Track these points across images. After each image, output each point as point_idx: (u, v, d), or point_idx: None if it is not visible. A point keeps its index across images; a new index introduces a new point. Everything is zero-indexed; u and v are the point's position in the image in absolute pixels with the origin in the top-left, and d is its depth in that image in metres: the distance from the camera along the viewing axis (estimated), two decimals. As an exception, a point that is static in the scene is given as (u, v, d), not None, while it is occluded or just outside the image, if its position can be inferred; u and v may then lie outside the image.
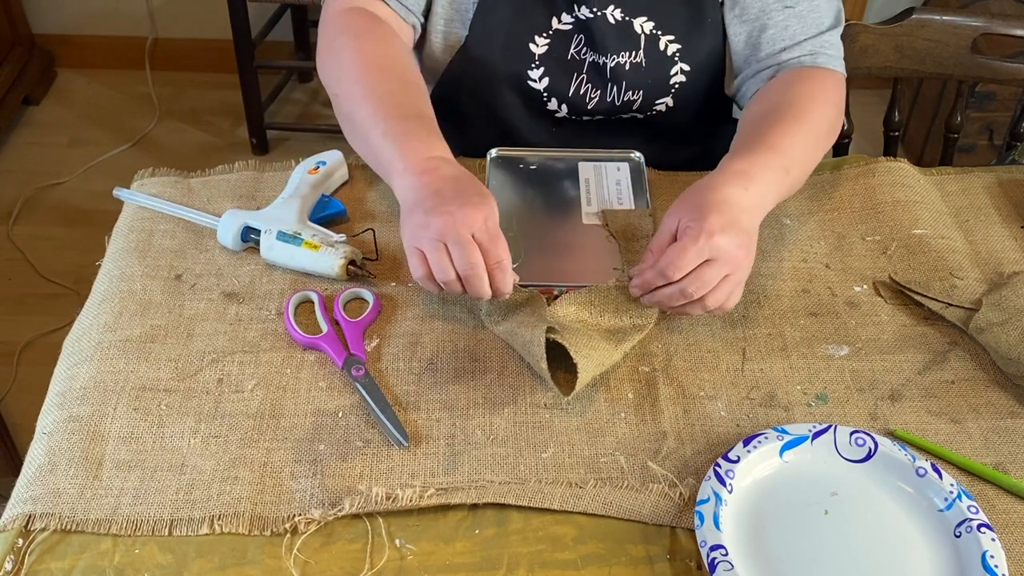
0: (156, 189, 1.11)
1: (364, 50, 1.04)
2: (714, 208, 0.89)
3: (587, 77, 1.16)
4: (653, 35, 1.14)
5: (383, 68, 1.04)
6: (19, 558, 0.78)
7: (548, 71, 1.15)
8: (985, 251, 1.07)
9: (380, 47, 1.06)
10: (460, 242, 0.87)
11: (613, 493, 0.82)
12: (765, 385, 0.92)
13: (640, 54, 1.14)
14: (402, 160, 0.94)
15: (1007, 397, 0.92)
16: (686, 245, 0.88)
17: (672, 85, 1.17)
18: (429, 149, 0.95)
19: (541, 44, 1.14)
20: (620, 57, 1.14)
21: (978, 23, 1.36)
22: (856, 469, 0.84)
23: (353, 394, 0.90)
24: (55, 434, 0.86)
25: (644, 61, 1.14)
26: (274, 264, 1.02)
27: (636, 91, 1.17)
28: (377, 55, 1.05)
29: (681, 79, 1.16)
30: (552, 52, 1.14)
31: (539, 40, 1.14)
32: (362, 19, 1.08)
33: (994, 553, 0.76)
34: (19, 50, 2.80)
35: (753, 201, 0.93)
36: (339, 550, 0.79)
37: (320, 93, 2.95)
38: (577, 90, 1.17)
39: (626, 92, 1.17)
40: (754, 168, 0.95)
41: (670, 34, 1.14)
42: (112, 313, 0.97)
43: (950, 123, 1.48)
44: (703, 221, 0.88)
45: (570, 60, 1.15)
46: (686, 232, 0.89)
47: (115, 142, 2.73)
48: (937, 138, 2.44)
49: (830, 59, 1.12)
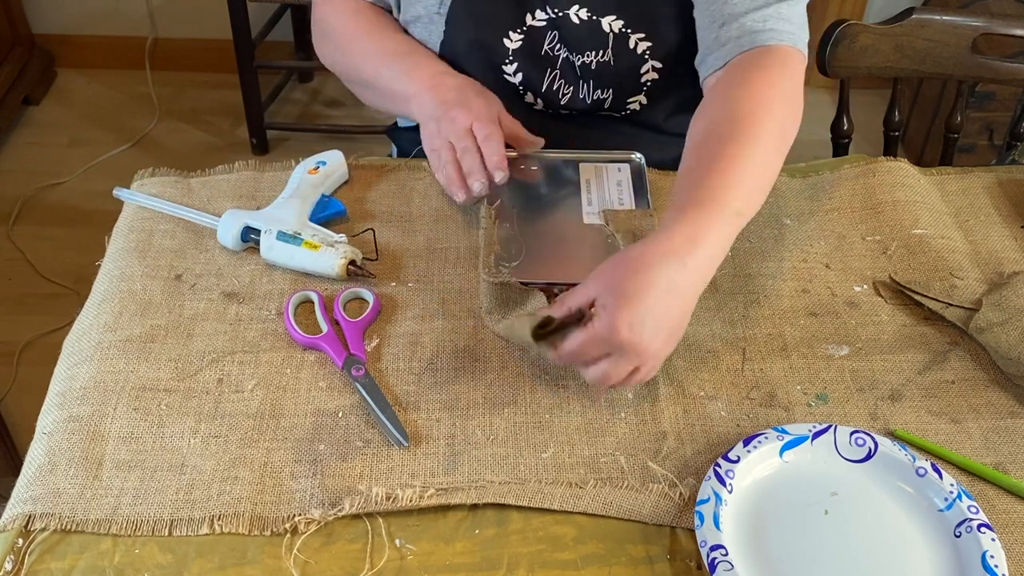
0: (156, 189, 1.11)
1: (353, 20, 1.19)
2: (632, 297, 0.80)
3: (560, 72, 1.16)
4: (622, 33, 1.12)
5: (372, 29, 1.17)
6: (19, 558, 0.78)
7: (521, 66, 1.16)
8: (985, 251, 1.07)
9: (358, 17, 1.19)
10: (457, 133, 1.03)
11: (613, 493, 0.82)
12: (765, 385, 0.92)
13: (608, 53, 1.13)
14: (412, 85, 1.10)
15: (1007, 397, 0.92)
16: (590, 335, 0.81)
17: (644, 83, 1.16)
18: (432, 68, 1.11)
19: (515, 39, 1.14)
20: (587, 56, 1.14)
21: (978, 23, 1.36)
22: (856, 469, 0.84)
23: (353, 394, 0.90)
24: (55, 434, 0.86)
25: (612, 59, 1.14)
26: (274, 264, 1.02)
27: (606, 90, 1.16)
28: (365, 22, 1.18)
29: (653, 76, 1.15)
30: (525, 48, 1.15)
31: (513, 36, 1.14)
32: (339, 3, 1.21)
33: (994, 553, 0.76)
34: (19, 50, 2.80)
35: (692, 276, 0.84)
36: (339, 550, 0.79)
37: (320, 93, 2.95)
38: (551, 86, 1.17)
39: (595, 90, 1.16)
40: (700, 230, 0.85)
41: (640, 32, 1.12)
42: (112, 313, 0.97)
43: (950, 123, 1.48)
44: (615, 313, 0.80)
45: (544, 56, 1.15)
46: (596, 316, 0.82)
47: (115, 142, 2.73)
48: (937, 138, 2.44)
49: (781, 34, 1.01)
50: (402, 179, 1.13)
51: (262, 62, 2.51)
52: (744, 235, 1.07)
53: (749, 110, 0.95)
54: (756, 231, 1.08)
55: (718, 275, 1.02)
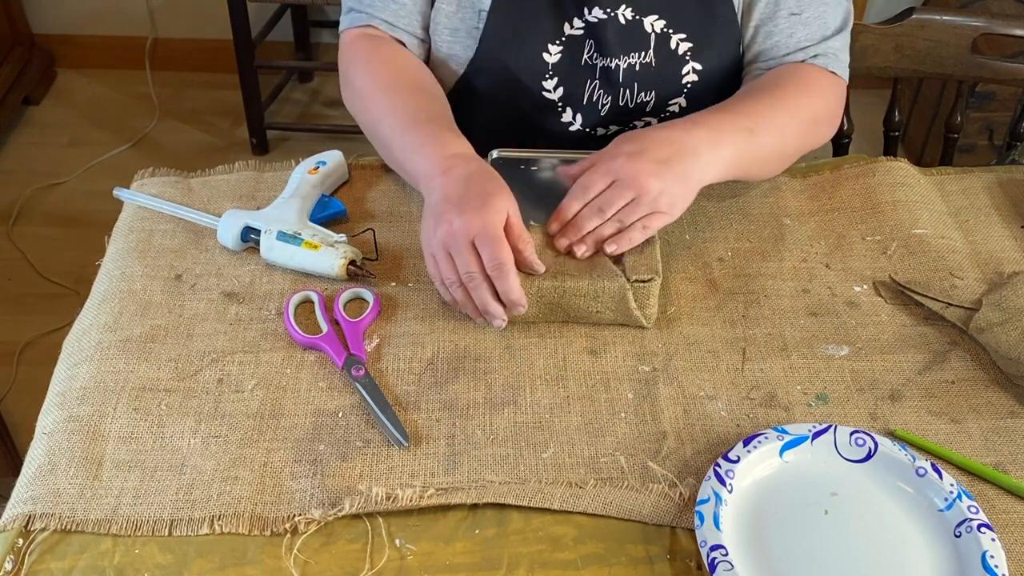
0: (156, 189, 1.11)
1: (372, 72, 1.09)
2: (633, 138, 0.92)
3: (599, 83, 1.14)
4: (664, 34, 1.12)
5: (392, 84, 1.08)
6: (19, 558, 0.78)
7: (562, 80, 1.14)
8: (985, 251, 1.07)
9: (386, 65, 1.10)
10: (457, 248, 0.90)
11: (613, 493, 0.82)
12: (765, 385, 0.92)
13: (650, 54, 1.13)
14: (423, 166, 0.98)
15: (1007, 397, 0.92)
16: (593, 165, 0.93)
17: (685, 84, 1.15)
18: (444, 149, 0.98)
19: (554, 52, 1.12)
20: (630, 58, 1.13)
21: (978, 23, 1.36)
22: (856, 469, 0.84)
23: (353, 394, 0.90)
24: (55, 434, 0.86)
25: (654, 60, 1.13)
26: (274, 264, 1.02)
27: (648, 92, 1.16)
28: (386, 73, 1.09)
29: (693, 78, 1.15)
30: (565, 60, 1.13)
31: (552, 48, 1.12)
32: (368, 43, 1.13)
33: (994, 553, 0.76)
34: (19, 50, 2.80)
35: (694, 144, 0.95)
36: (339, 550, 0.79)
37: (320, 93, 2.95)
38: (590, 97, 1.15)
39: (638, 94, 1.15)
40: (708, 118, 0.98)
41: (681, 32, 1.12)
42: (112, 313, 0.97)
43: (950, 123, 1.48)
44: (615, 146, 0.93)
45: (583, 66, 1.13)
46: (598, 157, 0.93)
47: (115, 142, 2.73)
48: (937, 138, 2.44)
49: (829, 61, 1.12)
50: (402, 179, 1.13)
51: (262, 62, 2.51)
52: (744, 235, 1.07)
53: (792, 86, 1.05)
54: (756, 231, 1.08)
55: (718, 275, 1.02)
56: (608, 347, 0.95)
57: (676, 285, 1.01)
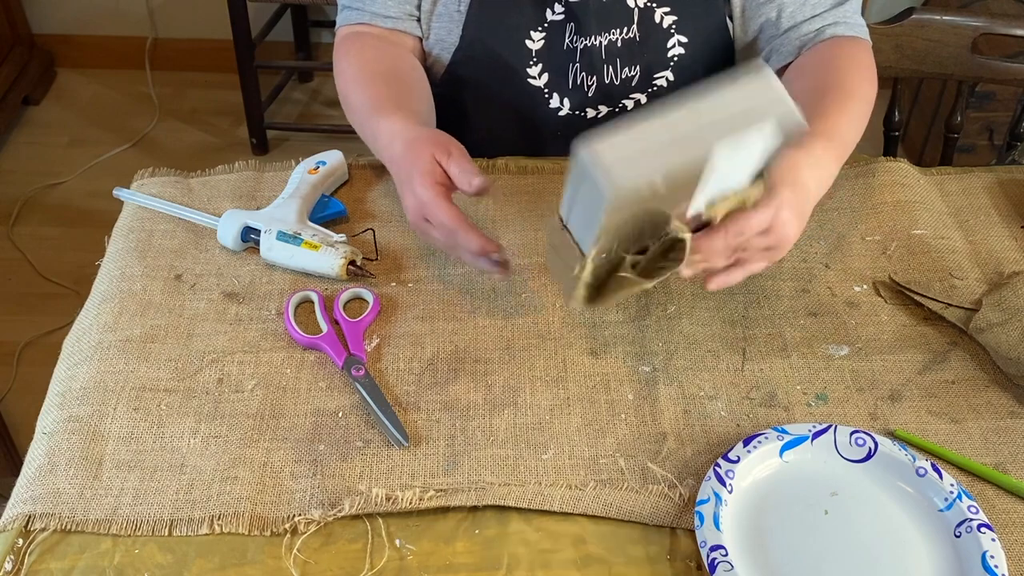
0: (156, 189, 1.11)
1: (352, 65, 1.12)
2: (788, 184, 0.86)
3: (581, 65, 1.15)
4: (647, 7, 1.13)
5: (364, 76, 1.10)
6: (19, 558, 0.78)
7: (546, 66, 1.15)
8: (985, 251, 1.07)
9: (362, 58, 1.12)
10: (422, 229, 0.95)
11: (613, 494, 0.82)
12: (765, 385, 0.92)
13: (633, 28, 1.13)
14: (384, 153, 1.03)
15: (1007, 397, 0.92)
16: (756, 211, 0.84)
17: (671, 58, 1.16)
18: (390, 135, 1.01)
19: (537, 39, 1.14)
20: (611, 35, 1.13)
21: (978, 23, 1.36)
22: (856, 469, 0.84)
23: (353, 394, 0.90)
24: (55, 434, 0.86)
25: (638, 35, 1.14)
26: (274, 264, 1.02)
27: (632, 67, 1.16)
28: (359, 65, 1.11)
29: (680, 51, 1.15)
30: (548, 46, 1.14)
31: (535, 35, 1.13)
32: (356, 40, 1.15)
33: (994, 553, 0.76)
34: (19, 50, 2.80)
35: (816, 190, 0.93)
36: (339, 550, 0.79)
37: (320, 93, 2.95)
38: (575, 80, 1.16)
39: (622, 70, 1.16)
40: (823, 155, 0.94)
41: (665, 6, 1.13)
42: (112, 313, 0.97)
43: (950, 123, 1.48)
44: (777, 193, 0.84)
45: (565, 50, 1.14)
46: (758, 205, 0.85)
47: (115, 142, 2.73)
48: (937, 138, 2.44)
49: (852, 27, 1.12)
50: (402, 179, 1.13)
51: (262, 62, 2.52)
52: (744, 235, 1.07)
53: (850, 77, 1.05)
54: (756, 231, 1.08)
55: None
56: (608, 347, 0.95)
57: (676, 285, 1.01)
